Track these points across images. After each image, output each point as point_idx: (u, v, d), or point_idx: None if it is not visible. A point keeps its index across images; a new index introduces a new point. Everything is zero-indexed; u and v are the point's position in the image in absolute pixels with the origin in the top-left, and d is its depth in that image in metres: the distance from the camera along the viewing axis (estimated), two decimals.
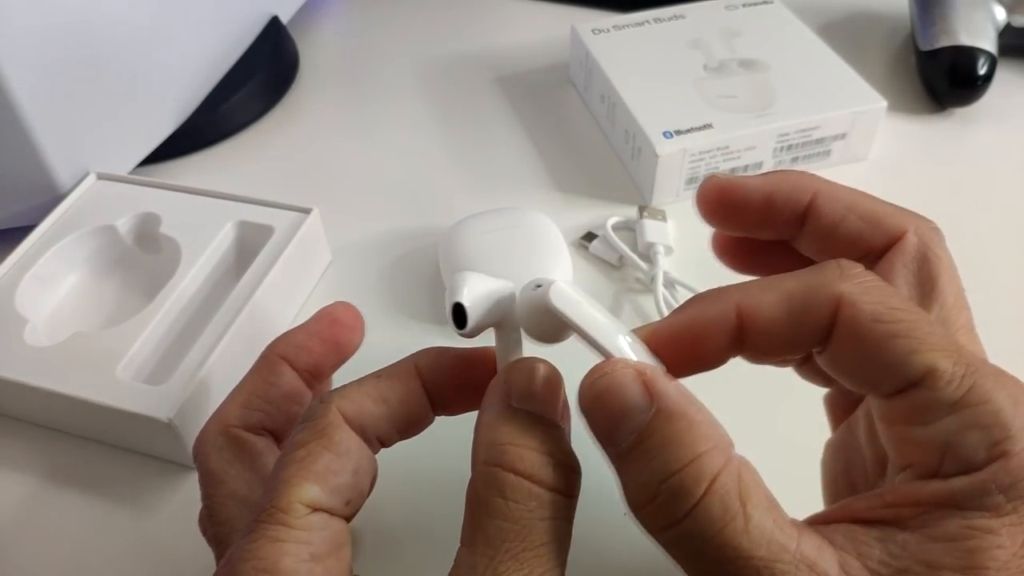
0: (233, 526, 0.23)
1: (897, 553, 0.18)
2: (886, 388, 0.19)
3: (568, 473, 0.20)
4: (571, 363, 0.22)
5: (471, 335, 0.22)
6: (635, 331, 0.22)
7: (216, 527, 0.24)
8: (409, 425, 0.23)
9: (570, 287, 0.21)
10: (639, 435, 0.19)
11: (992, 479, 0.17)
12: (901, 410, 0.19)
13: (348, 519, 0.22)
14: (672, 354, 0.21)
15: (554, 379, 0.21)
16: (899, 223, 0.24)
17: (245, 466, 0.25)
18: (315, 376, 0.27)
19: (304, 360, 0.26)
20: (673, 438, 0.18)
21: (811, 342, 0.20)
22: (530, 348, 0.23)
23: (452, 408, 0.24)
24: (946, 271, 0.24)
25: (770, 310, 0.20)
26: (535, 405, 0.20)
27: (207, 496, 0.24)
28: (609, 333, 0.20)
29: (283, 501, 0.20)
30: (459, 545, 0.20)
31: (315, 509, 0.20)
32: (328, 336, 0.26)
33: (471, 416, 0.22)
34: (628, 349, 0.20)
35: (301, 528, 0.20)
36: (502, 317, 0.22)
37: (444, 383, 0.23)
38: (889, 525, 0.18)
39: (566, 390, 0.21)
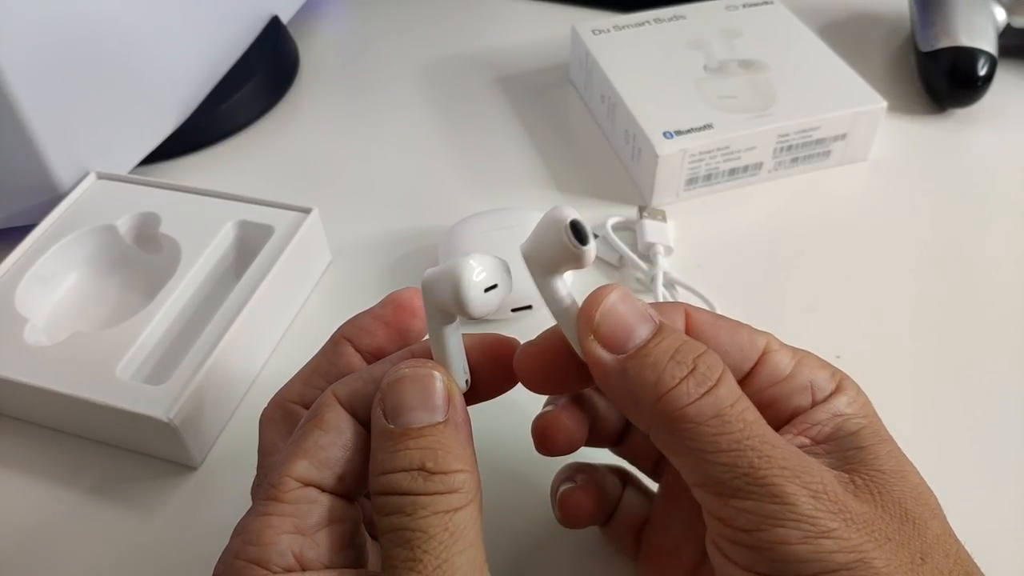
0: None
1: None
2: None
3: (443, 477, 0.21)
4: None
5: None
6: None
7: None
8: None
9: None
10: (656, 332, 0.21)
11: None
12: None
13: (347, 496, 0.22)
14: None
15: (422, 381, 0.22)
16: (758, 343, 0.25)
17: None
18: (377, 358, 0.27)
19: (367, 342, 0.26)
20: (685, 339, 0.21)
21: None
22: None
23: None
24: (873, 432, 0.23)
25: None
26: (412, 415, 0.21)
27: (259, 466, 0.25)
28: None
29: (275, 477, 0.21)
30: None
31: (305, 484, 0.22)
32: (392, 320, 0.27)
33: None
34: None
35: (288, 501, 0.21)
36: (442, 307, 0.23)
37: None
38: None
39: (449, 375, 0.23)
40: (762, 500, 0.19)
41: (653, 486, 0.29)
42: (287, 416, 0.25)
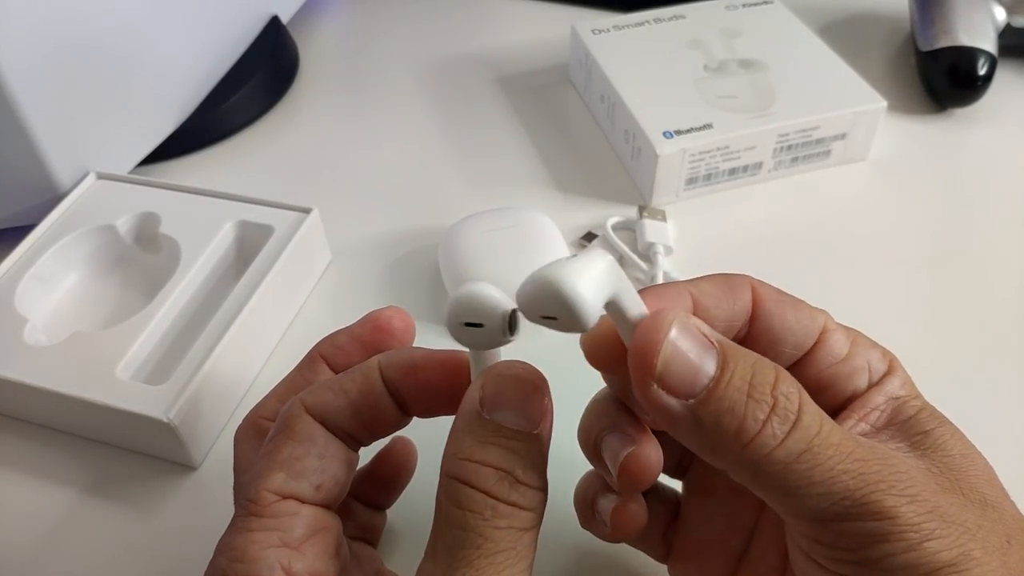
0: None
1: None
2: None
3: (527, 490, 0.20)
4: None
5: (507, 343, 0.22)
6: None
7: None
8: (374, 419, 0.23)
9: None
10: (724, 365, 0.19)
11: None
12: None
13: (327, 506, 0.22)
14: None
15: (530, 385, 0.21)
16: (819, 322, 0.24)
17: None
18: None
19: (341, 362, 0.26)
20: (754, 363, 0.19)
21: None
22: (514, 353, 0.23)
23: (419, 409, 0.24)
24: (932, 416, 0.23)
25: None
26: (508, 415, 0.21)
27: (235, 486, 0.25)
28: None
29: (253, 492, 0.21)
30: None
31: (285, 496, 0.21)
32: (368, 340, 0.26)
33: None
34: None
35: (269, 515, 0.21)
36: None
37: (403, 381, 0.23)
38: None
39: (550, 393, 0.21)
40: (864, 520, 0.18)
41: (669, 482, 0.29)
42: (260, 434, 0.25)
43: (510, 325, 0.21)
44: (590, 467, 0.25)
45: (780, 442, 0.19)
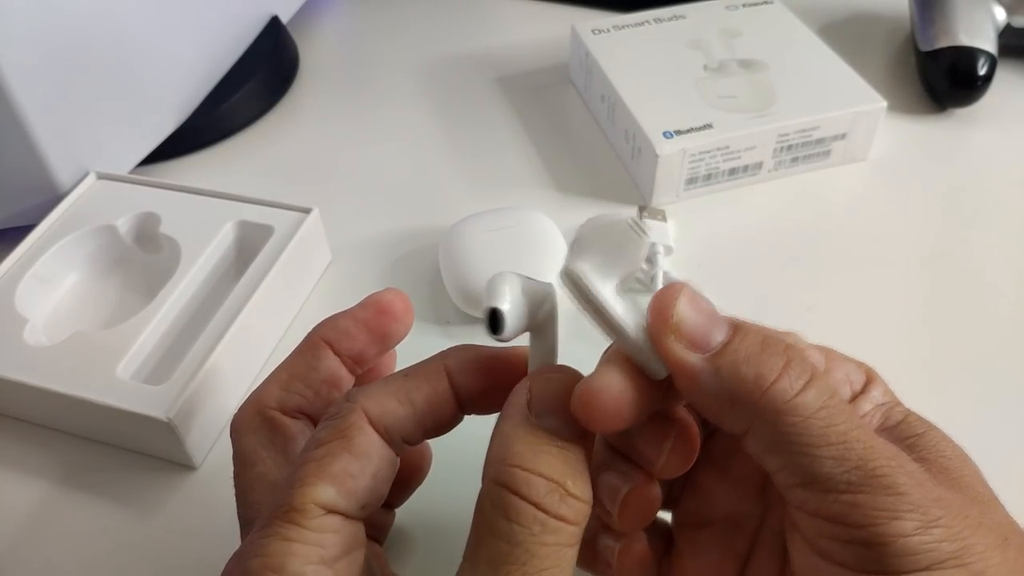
0: (259, 510, 0.23)
1: None
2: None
3: (576, 503, 0.20)
4: None
5: (507, 340, 0.21)
6: None
7: (243, 508, 0.24)
8: (436, 425, 0.23)
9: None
10: (736, 327, 0.20)
11: None
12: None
13: (364, 520, 0.22)
14: None
15: (582, 393, 0.20)
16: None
17: (277, 449, 0.24)
18: (358, 363, 0.26)
19: (346, 346, 0.25)
20: (765, 329, 0.21)
21: None
22: (567, 358, 0.22)
23: (481, 409, 0.23)
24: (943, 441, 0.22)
25: None
26: (556, 422, 0.20)
27: (237, 476, 0.24)
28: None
29: (298, 500, 0.20)
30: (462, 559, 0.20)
31: (329, 511, 0.20)
32: (373, 324, 0.25)
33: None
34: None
35: (313, 530, 0.20)
36: (540, 320, 0.22)
37: (473, 384, 0.23)
38: None
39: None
40: (875, 492, 0.18)
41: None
42: (267, 423, 0.24)
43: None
44: None
45: (798, 392, 0.19)
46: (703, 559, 0.25)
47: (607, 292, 0.20)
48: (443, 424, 0.23)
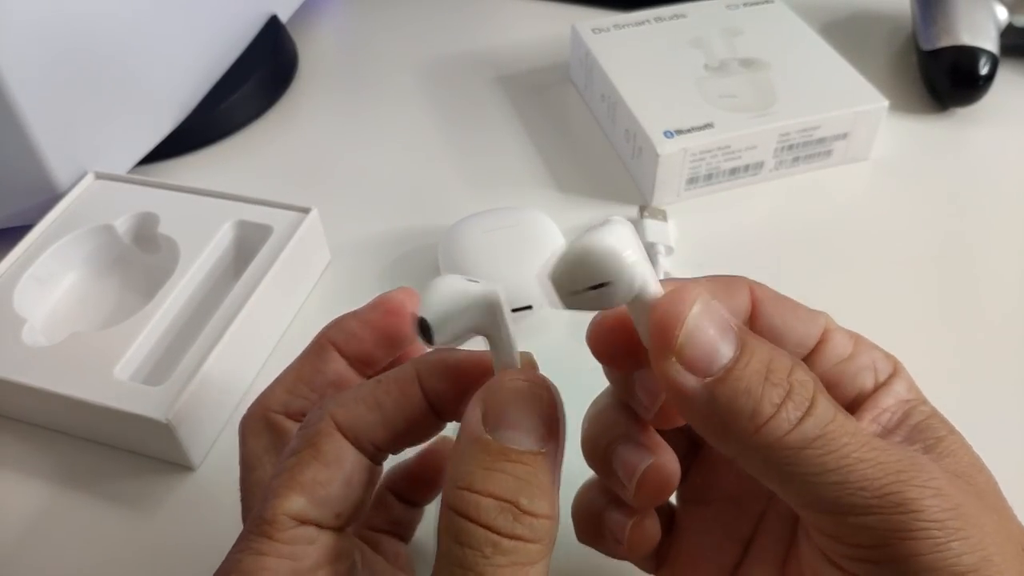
0: None
1: None
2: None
3: (533, 521, 0.19)
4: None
5: (444, 346, 0.21)
6: None
7: (244, 513, 0.24)
8: (409, 431, 0.22)
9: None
10: (743, 349, 0.19)
11: None
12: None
13: (342, 530, 0.21)
14: None
15: (534, 399, 0.20)
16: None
17: (279, 454, 0.24)
18: (367, 365, 0.25)
19: (354, 348, 0.25)
20: (772, 352, 0.19)
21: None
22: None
23: (457, 415, 0.23)
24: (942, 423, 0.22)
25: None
26: (513, 433, 0.19)
27: (241, 480, 0.24)
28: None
29: (269, 512, 0.20)
30: None
31: (302, 522, 0.20)
32: (381, 325, 0.25)
33: None
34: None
35: (284, 542, 0.20)
36: (484, 324, 0.21)
37: (444, 389, 0.22)
38: None
39: (561, 403, 0.20)
40: (885, 513, 0.18)
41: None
42: (270, 427, 0.24)
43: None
44: (588, 474, 0.24)
45: (794, 427, 0.18)
46: (704, 538, 0.25)
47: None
48: (418, 430, 0.22)
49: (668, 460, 0.22)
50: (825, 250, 0.42)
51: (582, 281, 0.19)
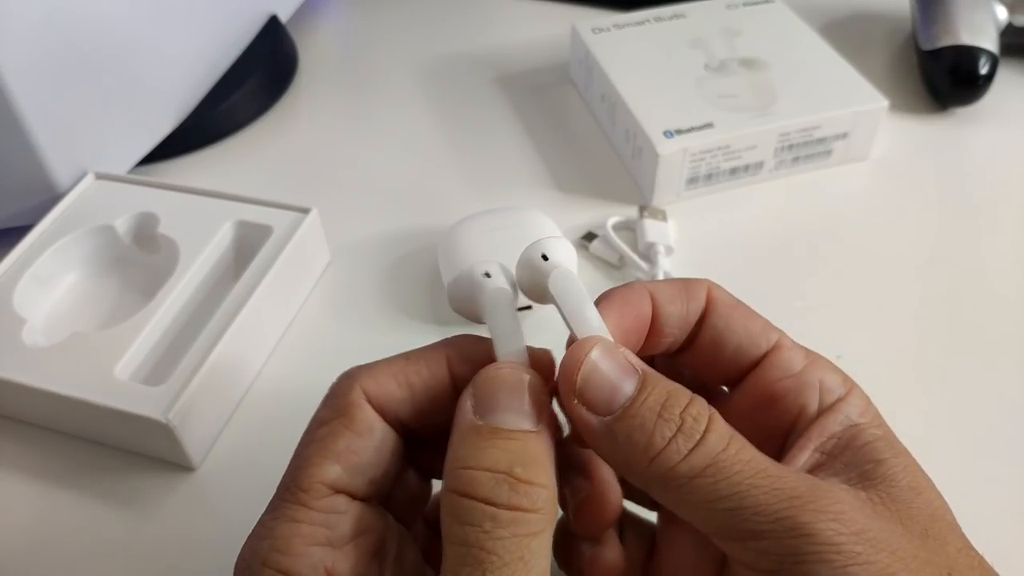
0: None
1: None
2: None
3: (531, 489, 0.19)
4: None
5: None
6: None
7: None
8: (433, 412, 0.23)
9: (568, 278, 0.22)
10: (642, 387, 0.20)
11: None
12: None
13: (374, 500, 0.21)
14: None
15: (518, 383, 0.21)
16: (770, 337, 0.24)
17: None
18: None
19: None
20: (670, 390, 0.20)
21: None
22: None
23: None
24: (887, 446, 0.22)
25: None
26: (504, 415, 0.20)
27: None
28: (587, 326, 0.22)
29: (304, 480, 0.20)
30: None
31: (337, 490, 0.20)
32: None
33: None
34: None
35: (319, 510, 0.20)
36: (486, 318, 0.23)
37: (471, 376, 0.22)
38: None
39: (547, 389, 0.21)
40: (780, 537, 0.18)
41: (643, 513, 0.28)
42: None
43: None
44: None
45: (683, 457, 0.19)
46: (681, 560, 0.25)
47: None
48: (441, 412, 0.23)
49: (604, 488, 0.23)
50: (825, 250, 0.42)
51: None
